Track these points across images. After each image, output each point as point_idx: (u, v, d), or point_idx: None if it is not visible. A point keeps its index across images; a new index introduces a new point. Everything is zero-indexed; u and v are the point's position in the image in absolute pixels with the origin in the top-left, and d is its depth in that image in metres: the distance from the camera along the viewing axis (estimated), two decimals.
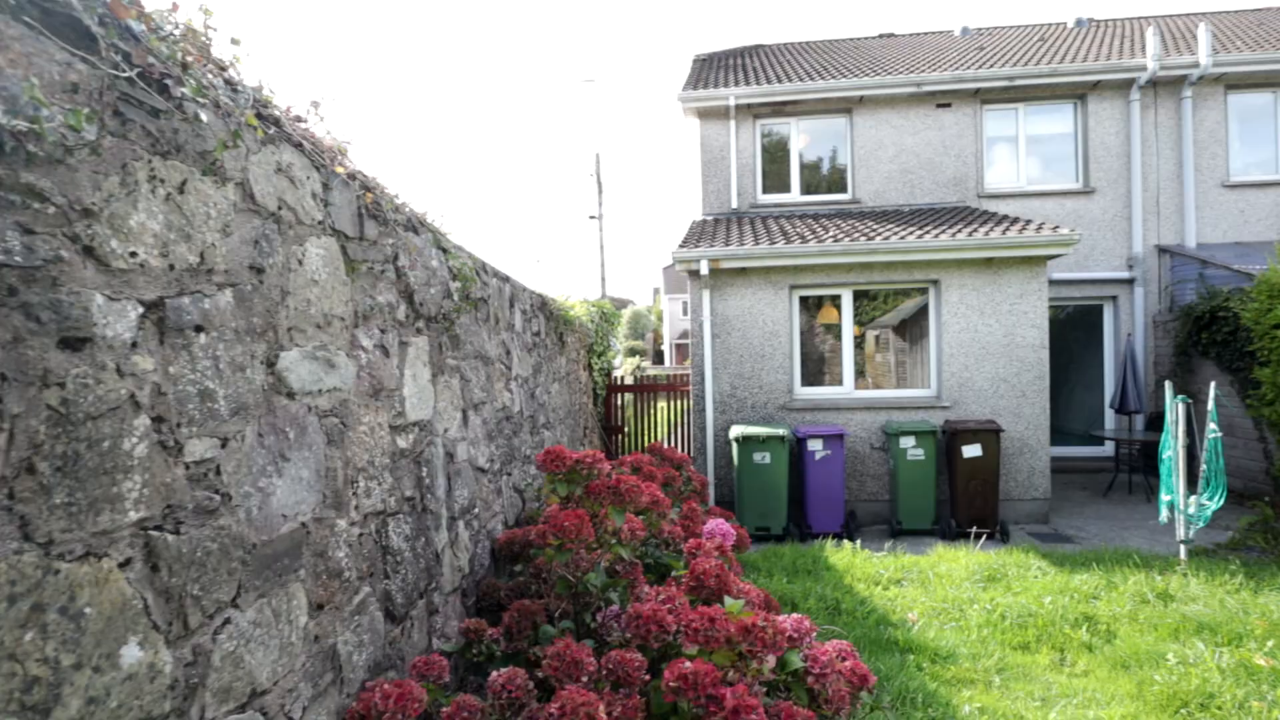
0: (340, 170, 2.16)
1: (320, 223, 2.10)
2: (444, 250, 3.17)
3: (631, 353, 32.95)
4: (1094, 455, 9.91)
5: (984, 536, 6.63)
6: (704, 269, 7.33)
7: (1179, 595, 4.75)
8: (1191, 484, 5.45)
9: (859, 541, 6.37)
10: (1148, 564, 5.35)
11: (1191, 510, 5.25)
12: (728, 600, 2.06)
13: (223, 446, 1.58)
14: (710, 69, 11.88)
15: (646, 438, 9.54)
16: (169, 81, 1.45)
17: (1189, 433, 5.55)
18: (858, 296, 7.88)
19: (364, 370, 2.35)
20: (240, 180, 1.71)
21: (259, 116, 1.81)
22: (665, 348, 30.72)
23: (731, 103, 9.88)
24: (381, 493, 2.40)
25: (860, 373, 8.12)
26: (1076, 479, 9.41)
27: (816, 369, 7.98)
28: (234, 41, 1.83)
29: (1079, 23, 13.64)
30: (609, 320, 8.62)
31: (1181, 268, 9.50)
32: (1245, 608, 4.50)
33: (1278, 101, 9.92)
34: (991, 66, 10.08)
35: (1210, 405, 5.32)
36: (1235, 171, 9.87)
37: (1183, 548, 5.35)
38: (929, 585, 5.16)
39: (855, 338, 7.90)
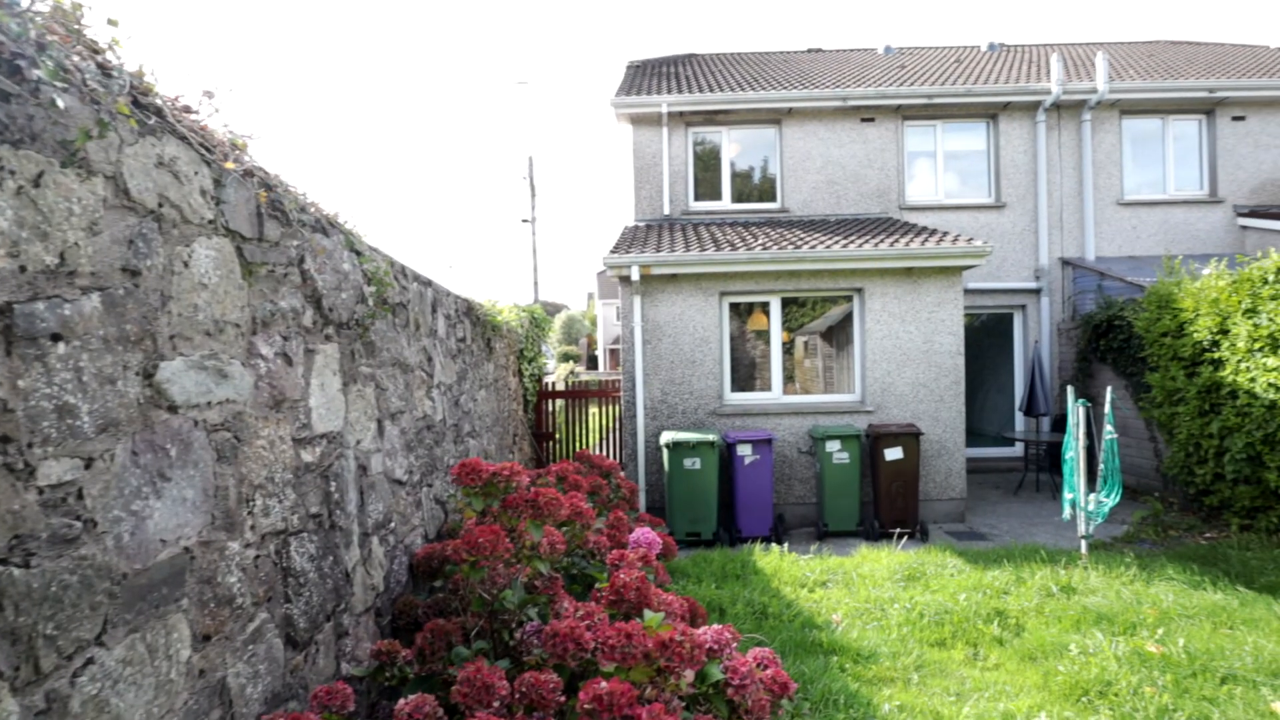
0: (232, 166, 2.01)
1: (211, 222, 1.95)
2: (357, 253, 3.03)
3: (565, 358, 32.69)
4: (1006, 455, 10.43)
5: (905, 536, 6.86)
6: (635, 275, 7.32)
7: (1080, 588, 5.03)
8: (1091, 482, 5.79)
9: (787, 544, 6.49)
10: (1053, 559, 5.64)
11: (1091, 507, 5.57)
12: (647, 613, 2.02)
13: (87, 468, 1.43)
14: (644, 76, 11.94)
15: (578, 444, 9.46)
16: (21, 62, 1.30)
17: (1089, 434, 5.90)
18: (786, 303, 8.04)
19: (263, 380, 2.20)
20: (112, 174, 1.56)
21: (137, 104, 1.66)
22: (599, 353, 30.63)
23: (664, 110, 9.95)
24: (282, 510, 2.25)
25: (790, 378, 8.29)
26: (990, 478, 9.89)
27: (747, 375, 8.09)
28: (111, 22, 1.68)
29: (991, 47, 14.41)
30: (540, 325, 8.51)
31: (1082, 279, 10.14)
32: (1139, 598, 4.80)
33: (1165, 127, 10.73)
34: (912, 85, 10.52)
35: (1107, 408, 5.67)
36: (1129, 190, 10.62)
37: (1083, 543, 5.67)
38: (853, 586, 5.28)
39: (784, 344, 8.06)
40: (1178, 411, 7.40)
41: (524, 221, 18.19)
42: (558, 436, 9.37)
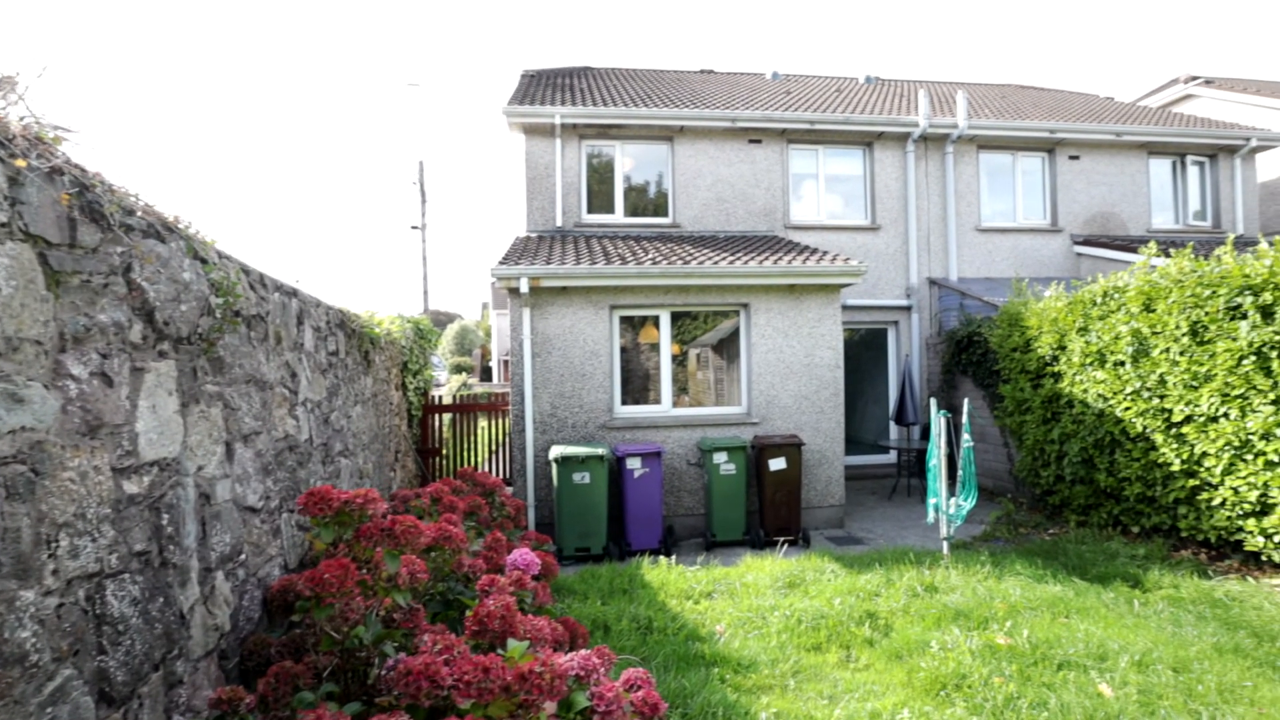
0: (22, 164, 1.78)
1: (4, 225, 1.71)
2: (202, 260, 2.77)
3: (458, 369, 31.72)
4: (882, 462, 11.07)
5: (788, 544, 7.11)
6: (524, 287, 7.20)
7: (942, 587, 5.37)
8: (952, 487, 6.24)
9: (675, 557, 6.55)
10: (920, 560, 6.01)
11: (951, 511, 5.98)
12: (511, 643, 1.94)
13: None
14: (538, 86, 11.85)
15: (467, 460, 9.16)
16: None
17: (950, 442, 6.36)
18: (676, 317, 8.17)
19: (74, 404, 1.95)
20: None
21: None
22: (494, 364, 29.97)
23: (557, 121, 9.90)
24: (97, 550, 2.00)
25: (683, 390, 8.41)
26: (868, 484, 10.46)
27: (638, 387, 8.14)
28: None
29: (868, 79, 15.41)
30: (425, 336, 8.19)
31: (946, 298, 10.97)
32: (991, 593, 5.18)
33: (1015, 162, 11.85)
34: (796, 110, 11.05)
35: (965, 419, 6.13)
36: (985, 218, 11.62)
37: (945, 544, 6.09)
38: (737, 596, 5.39)
39: (674, 357, 8.18)
40: (1026, 419, 8.13)
41: (414, 228, 17.53)
42: (445, 452, 9.03)
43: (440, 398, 9.22)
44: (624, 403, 7.92)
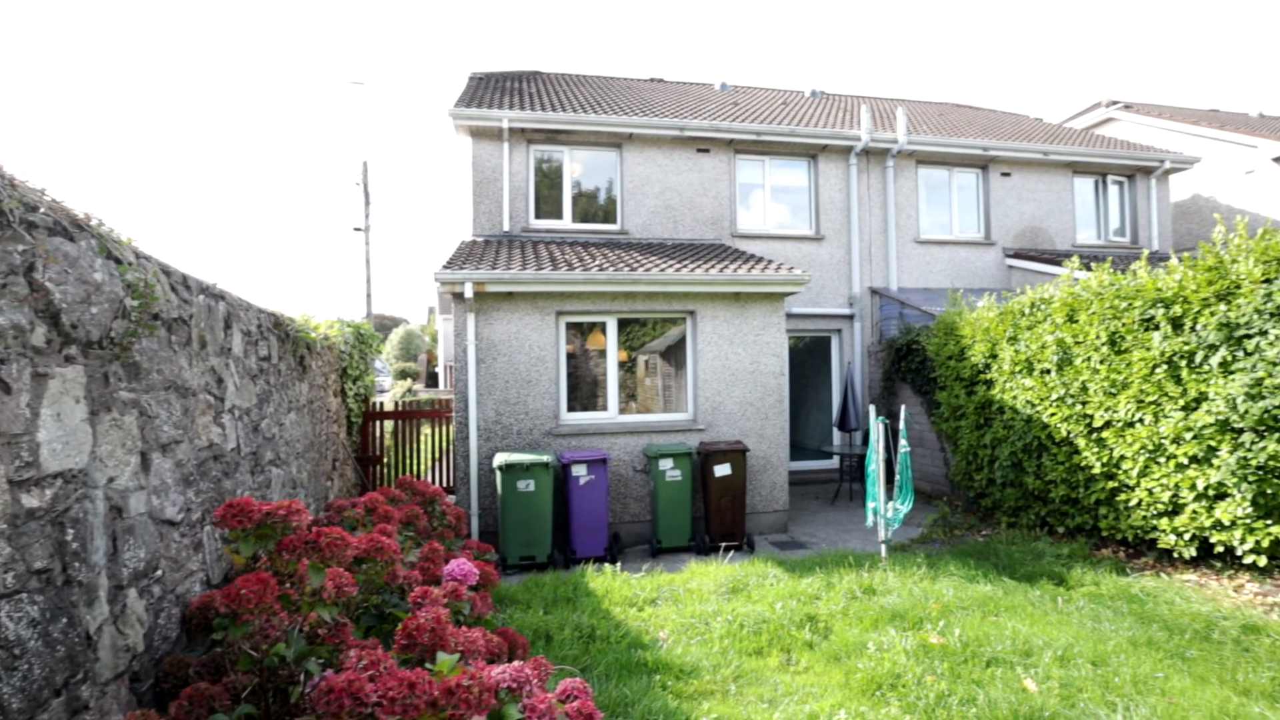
0: None
1: None
2: (116, 260, 2.63)
3: (403, 375, 30.99)
4: (825, 468, 11.31)
5: (733, 549, 7.17)
6: (469, 292, 7.09)
7: (880, 589, 5.50)
8: (890, 492, 6.41)
9: (620, 564, 6.53)
10: (859, 563, 6.14)
11: (889, 514, 6.14)
12: (441, 656, 1.89)
13: None
14: (486, 89, 11.73)
15: (409, 468, 8.95)
16: None
17: (888, 448, 6.54)
18: (624, 324, 8.18)
19: None
20: None
21: None
22: (440, 370, 29.36)
23: (505, 125, 9.82)
24: None
25: (632, 396, 8.42)
26: (811, 489, 10.65)
27: (584, 394, 8.10)
28: None
29: (814, 94, 15.81)
30: (366, 341, 7.97)
31: (887, 307, 11.31)
32: (926, 594, 5.33)
33: (951, 177, 12.32)
34: (744, 121, 11.23)
35: (902, 425, 6.31)
36: (924, 230, 12.04)
37: (883, 547, 6.24)
38: (681, 602, 5.40)
39: (622, 363, 8.18)
40: (960, 425, 8.42)
41: (357, 230, 17.08)
42: (386, 460, 8.80)
43: (381, 404, 8.99)
44: (570, 409, 7.87)
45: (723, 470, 7.26)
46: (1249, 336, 5.22)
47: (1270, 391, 4.97)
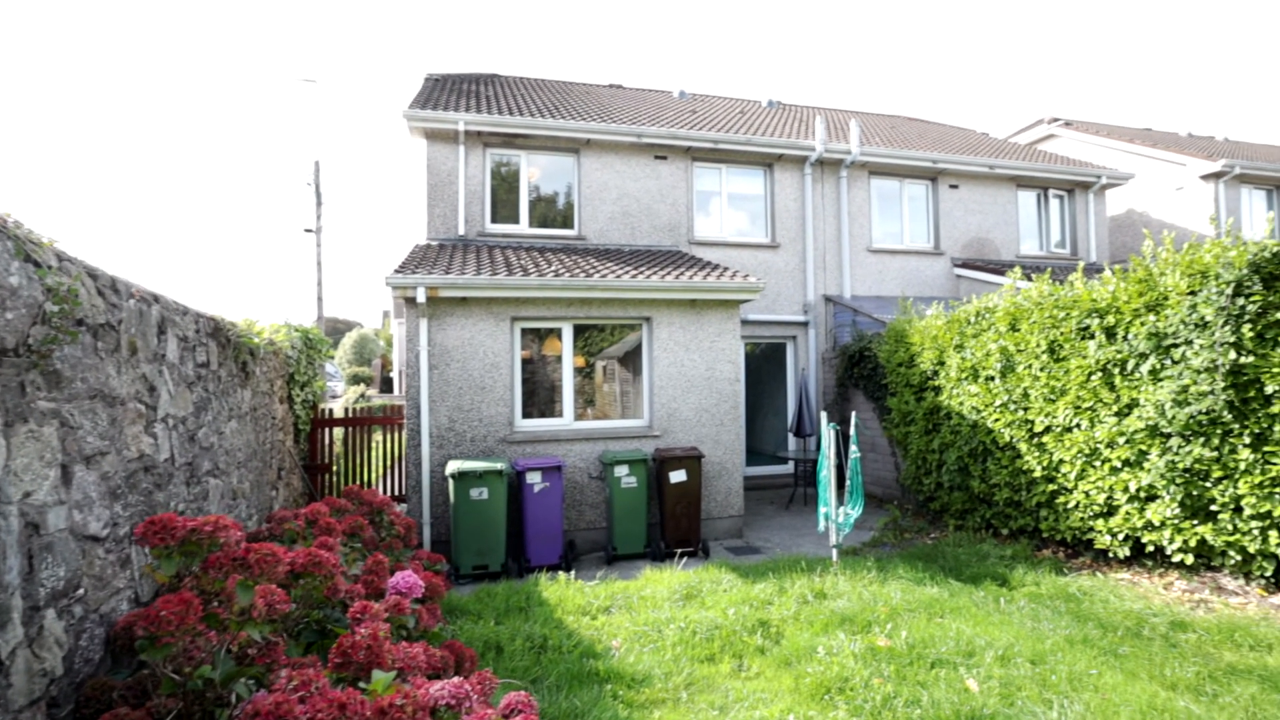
0: None
1: None
2: (35, 263, 2.50)
3: (356, 380, 30.26)
4: (780, 473, 11.44)
5: (688, 556, 7.19)
6: (421, 296, 6.97)
7: (831, 593, 5.57)
8: (841, 497, 6.51)
9: (574, 572, 6.48)
10: (811, 568, 6.22)
11: (840, 519, 6.24)
12: (376, 674, 1.84)
13: None
14: (443, 90, 11.58)
15: (359, 476, 8.73)
16: None
17: (839, 454, 6.64)
18: (581, 330, 8.14)
19: None
20: None
21: None
22: (395, 375, 28.73)
23: (461, 128, 9.70)
24: None
25: (590, 402, 8.37)
26: (767, 494, 10.76)
27: (541, 400, 8.03)
28: None
29: (770, 104, 16.04)
30: (315, 346, 7.75)
31: (841, 314, 11.52)
32: (875, 597, 5.42)
33: (903, 188, 12.64)
34: (702, 129, 11.33)
35: (852, 431, 6.42)
36: (876, 240, 12.31)
37: (834, 551, 6.33)
38: (635, 610, 5.38)
39: (579, 369, 8.13)
40: (910, 430, 8.62)
41: (308, 231, 16.64)
42: (335, 469, 8.57)
43: (331, 410, 8.75)
44: (526, 416, 7.79)
45: (678, 477, 7.27)
46: (1176, 346, 5.47)
47: (1195, 398, 5.22)
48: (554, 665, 4.29)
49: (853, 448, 6.28)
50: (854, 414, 6.73)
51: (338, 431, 8.82)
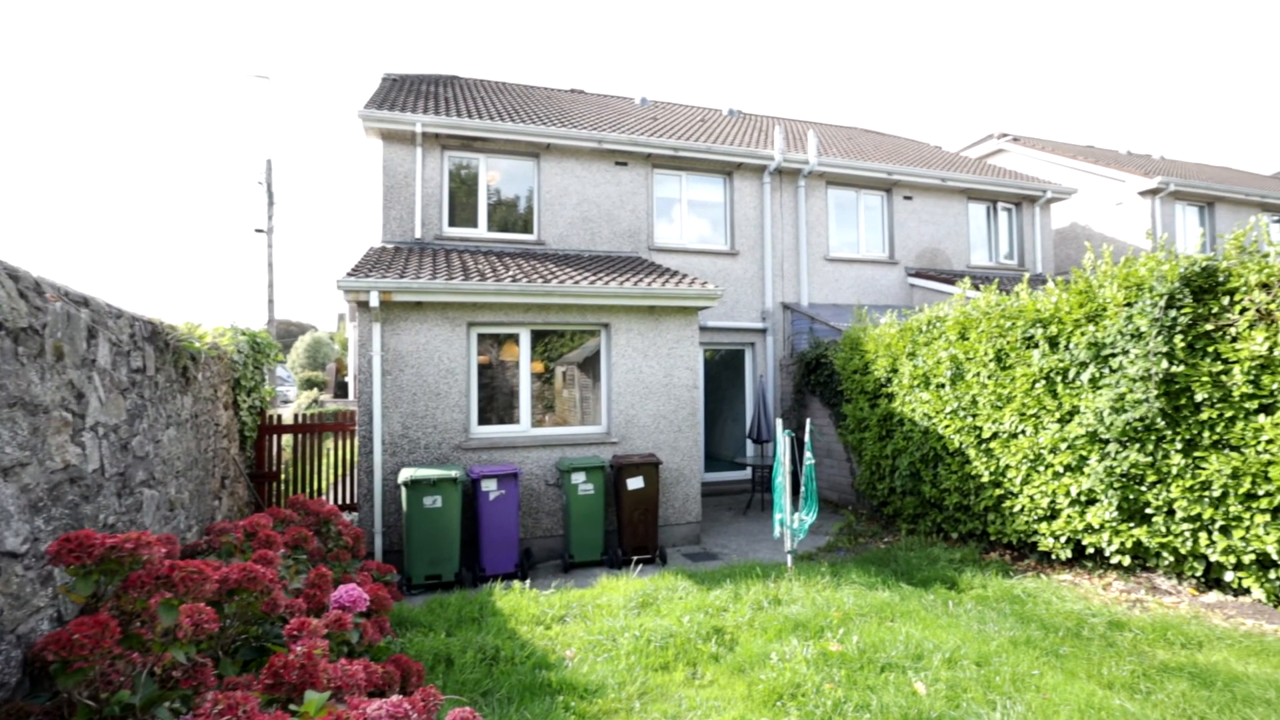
0: None
1: None
2: None
3: (309, 384, 29.47)
4: (738, 479, 11.51)
5: (645, 563, 7.16)
6: (374, 301, 6.81)
7: (785, 599, 5.61)
8: (796, 503, 6.57)
9: (530, 581, 6.39)
10: (766, 574, 6.25)
11: (795, 525, 6.30)
12: (309, 694, 1.77)
13: None
14: (400, 91, 11.39)
15: (309, 484, 8.48)
16: None
17: (794, 460, 6.71)
18: (539, 336, 8.07)
19: None
20: None
21: None
22: (350, 379, 28.06)
23: (418, 130, 9.55)
24: None
25: (549, 409, 8.29)
26: (725, 500, 10.82)
27: (499, 406, 7.93)
28: None
29: (731, 113, 16.21)
30: (263, 350, 7.50)
31: (798, 321, 11.67)
32: (829, 603, 5.48)
33: (859, 199, 12.89)
34: (662, 136, 11.37)
35: (807, 438, 6.49)
36: (833, 248, 12.52)
37: (789, 557, 6.39)
38: (590, 619, 5.33)
39: (538, 375, 8.06)
40: (865, 436, 8.77)
41: (259, 231, 16.16)
42: (284, 477, 8.31)
43: (279, 417, 8.48)
44: (483, 422, 7.68)
45: (636, 483, 7.25)
46: (1114, 355, 5.68)
47: (1131, 405, 5.42)
48: (506, 677, 4.22)
49: (807, 454, 6.35)
50: (809, 420, 6.81)
51: (286, 439, 8.56)
